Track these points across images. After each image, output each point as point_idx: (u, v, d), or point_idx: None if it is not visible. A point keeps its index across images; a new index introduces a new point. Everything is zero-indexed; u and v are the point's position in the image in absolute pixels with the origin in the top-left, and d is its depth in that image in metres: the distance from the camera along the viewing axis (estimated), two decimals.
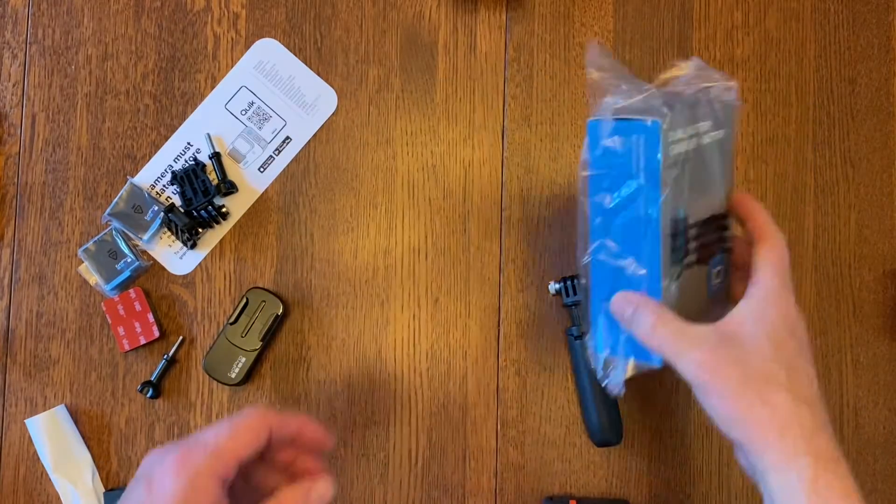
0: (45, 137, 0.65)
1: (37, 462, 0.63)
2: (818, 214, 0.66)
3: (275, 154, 0.65)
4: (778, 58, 0.67)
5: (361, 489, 0.63)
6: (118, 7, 0.66)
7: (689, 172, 0.47)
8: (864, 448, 0.65)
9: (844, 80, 0.67)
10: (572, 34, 0.66)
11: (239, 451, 0.41)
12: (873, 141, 0.66)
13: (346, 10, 0.66)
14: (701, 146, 0.48)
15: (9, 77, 0.66)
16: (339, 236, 0.65)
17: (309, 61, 0.66)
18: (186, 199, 0.64)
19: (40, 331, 0.64)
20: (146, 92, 0.66)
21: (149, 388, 0.62)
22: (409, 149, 0.65)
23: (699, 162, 0.48)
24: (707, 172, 0.49)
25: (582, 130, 0.66)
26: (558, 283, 0.64)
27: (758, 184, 0.66)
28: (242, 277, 0.64)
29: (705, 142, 0.48)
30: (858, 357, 0.65)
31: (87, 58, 0.66)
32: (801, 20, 0.67)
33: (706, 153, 0.48)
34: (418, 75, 0.66)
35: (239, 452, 0.41)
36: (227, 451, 0.40)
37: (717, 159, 0.49)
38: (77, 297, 0.64)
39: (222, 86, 0.66)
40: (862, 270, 0.66)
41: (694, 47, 0.67)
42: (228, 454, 0.40)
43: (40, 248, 0.64)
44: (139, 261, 0.63)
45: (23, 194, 0.65)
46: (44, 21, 0.66)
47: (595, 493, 0.63)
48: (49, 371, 0.64)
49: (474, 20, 0.66)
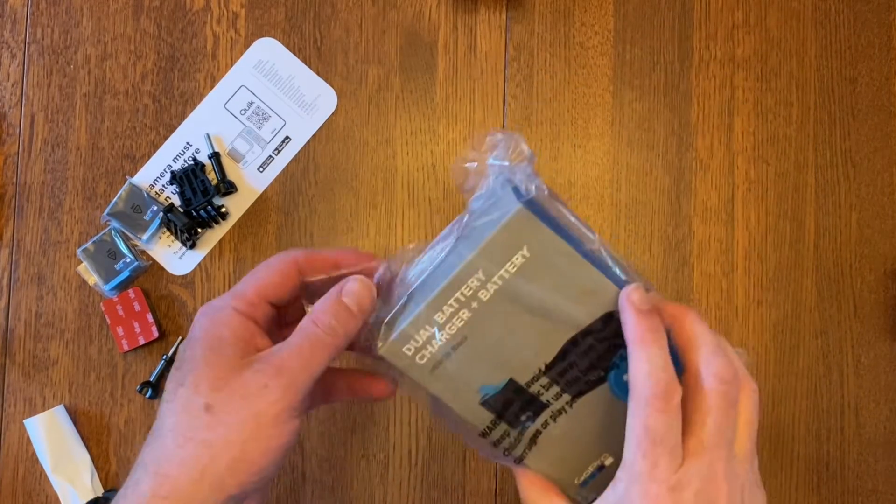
0: (44, 137, 0.65)
1: (35, 462, 0.63)
2: (819, 214, 0.66)
3: (274, 154, 0.65)
4: (779, 57, 0.67)
5: (361, 489, 0.63)
6: (117, 6, 0.66)
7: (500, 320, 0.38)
8: (865, 448, 0.64)
9: (845, 79, 0.67)
10: (573, 34, 0.66)
11: (260, 288, 0.40)
12: (874, 141, 0.66)
13: (346, 9, 0.66)
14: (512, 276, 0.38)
15: (7, 77, 0.66)
16: (339, 236, 0.65)
17: (308, 61, 0.66)
18: (186, 199, 0.64)
19: (39, 331, 0.64)
20: (145, 91, 0.66)
21: (148, 388, 0.62)
22: (409, 148, 0.65)
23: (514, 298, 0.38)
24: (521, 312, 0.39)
25: (582, 130, 0.66)
26: None
27: (758, 184, 0.66)
28: (242, 277, 0.64)
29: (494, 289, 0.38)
30: (859, 357, 0.65)
31: (86, 57, 0.66)
32: (802, 20, 0.67)
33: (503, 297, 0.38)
34: (418, 75, 0.66)
35: (260, 289, 0.40)
36: (246, 289, 0.40)
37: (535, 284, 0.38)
38: (76, 297, 0.64)
39: (221, 85, 0.66)
40: (863, 270, 0.65)
41: (694, 47, 0.67)
42: (249, 292, 0.40)
43: (39, 248, 0.64)
44: (138, 261, 0.63)
45: (21, 194, 0.65)
46: (42, 21, 0.66)
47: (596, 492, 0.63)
48: (48, 371, 0.64)
49: (474, 20, 0.66)
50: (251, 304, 0.40)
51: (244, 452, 0.36)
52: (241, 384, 0.36)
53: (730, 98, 0.66)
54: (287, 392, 0.36)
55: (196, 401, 0.36)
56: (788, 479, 0.64)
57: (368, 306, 0.40)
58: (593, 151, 0.66)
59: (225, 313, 0.39)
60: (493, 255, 0.38)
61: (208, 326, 0.39)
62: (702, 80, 0.66)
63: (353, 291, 0.39)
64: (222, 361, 0.37)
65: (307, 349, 0.38)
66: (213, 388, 0.36)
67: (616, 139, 0.66)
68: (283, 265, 0.41)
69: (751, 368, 0.43)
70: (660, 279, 0.65)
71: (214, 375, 0.37)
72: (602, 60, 0.66)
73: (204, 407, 0.36)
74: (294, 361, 0.37)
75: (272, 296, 0.40)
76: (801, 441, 0.64)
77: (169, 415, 0.37)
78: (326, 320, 0.38)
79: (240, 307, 0.39)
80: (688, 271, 0.65)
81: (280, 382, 0.36)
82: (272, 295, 0.40)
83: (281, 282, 0.41)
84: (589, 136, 0.66)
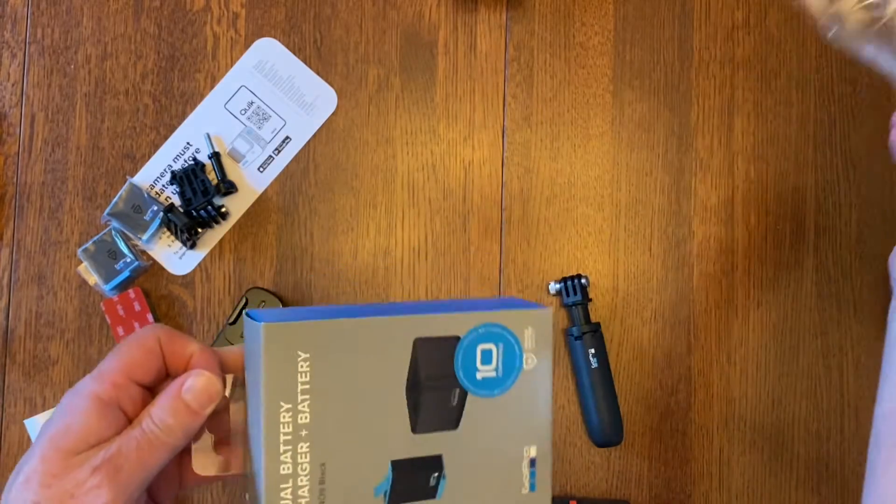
0: (45, 137, 0.65)
1: None
2: (819, 214, 0.66)
3: (274, 154, 0.65)
4: (779, 58, 0.67)
5: None
6: (117, 6, 0.66)
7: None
8: (865, 448, 0.64)
9: (845, 79, 0.67)
10: (573, 34, 0.66)
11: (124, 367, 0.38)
12: (874, 141, 0.66)
13: (346, 9, 0.66)
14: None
15: (8, 77, 0.66)
16: (339, 236, 0.65)
17: (309, 61, 0.66)
18: (186, 198, 0.64)
19: (39, 331, 0.64)
20: (145, 91, 0.66)
21: None
22: (409, 148, 0.65)
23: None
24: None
25: (582, 130, 0.66)
26: (558, 283, 0.64)
27: (759, 184, 0.66)
28: (242, 277, 0.64)
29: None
30: (859, 357, 0.65)
31: (87, 57, 0.66)
32: (802, 20, 0.67)
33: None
34: (418, 75, 0.66)
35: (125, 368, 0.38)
36: (111, 369, 0.38)
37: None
38: (76, 297, 0.64)
39: (222, 85, 0.66)
40: (863, 270, 0.65)
41: (694, 47, 0.67)
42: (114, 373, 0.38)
43: (39, 248, 0.64)
44: (138, 261, 0.63)
45: (22, 194, 0.65)
46: (43, 20, 0.66)
47: (595, 493, 0.63)
48: (48, 371, 0.64)
49: (474, 20, 0.66)
50: (116, 385, 0.37)
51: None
52: (72, 482, 0.35)
53: (730, 98, 0.66)
54: (120, 494, 0.35)
55: (26, 497, 0.35)
56: (788, 479, 0.64)
57: (210, 403, 0.37)
58: (593, 151, 0.66)
59: (80, 400, 0.37)
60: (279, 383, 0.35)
61: (61, 413, 0.37)
62: (702, 81, 0.66)
63: (193, 388, 0.37)
64: (58, 456, 0.35)
65: (144, 449, 0.36)
66: (44, 485, 0.34)
67: (616, 139, 0.66)
68: (146, 340, 0.39)
69: None
70: (660, 279, 0.65)
71: (46, 471, 0.35)
72: (602, 60, 0.66)
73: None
74: (129, 460, 0.35)
75: (139, 375, 0.38)
76: (801, 441, 0.64)
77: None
78: (164, 418, 0.36)
79: (101, 392, 0.37)
80: (688, 271, 0.65)
81: (112, 483, 0.35)
82: (138, 374, 0.38)
83: (145, 359, 0.38)
84: (589, 136, 0.66)
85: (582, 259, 0.65)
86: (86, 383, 0.37)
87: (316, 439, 0.36)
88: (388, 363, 0.37)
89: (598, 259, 0.65)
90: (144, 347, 0.38)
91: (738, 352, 0.65)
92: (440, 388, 0.38)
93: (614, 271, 0.65)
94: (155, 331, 0.39)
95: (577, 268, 0.65)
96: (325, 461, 0.36)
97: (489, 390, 0.39)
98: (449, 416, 0.38)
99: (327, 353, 0.36)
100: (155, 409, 0.37)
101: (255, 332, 0.36)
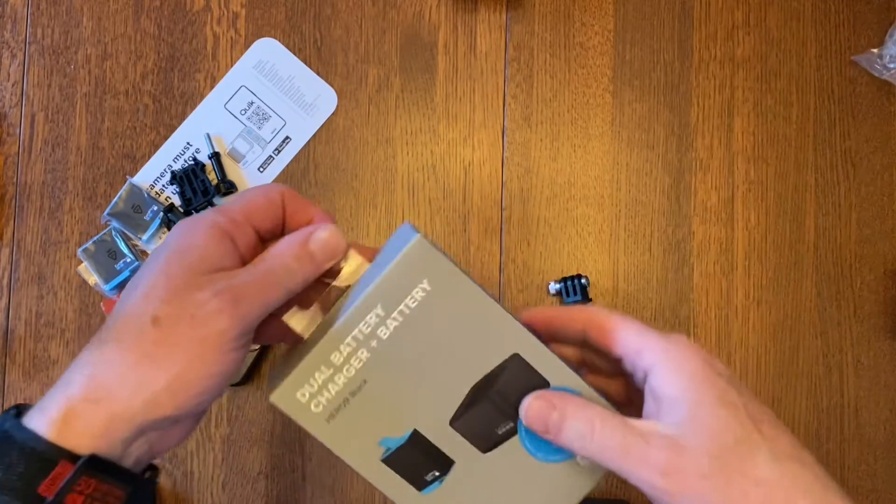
0: (45, 137, 0.65)
1: None
2: (819, 214, 0.66)
3: (274, 154, 0.65)
4: (779, 57, 0.67)
5: (361, 490, 0.63)
6: (117, 7, 0.66)
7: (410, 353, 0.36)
8: (865, 448, 0.64)
9: (845, 79, 0.67)
10: (573, 34, 0.66)
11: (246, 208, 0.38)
12: (874, 141, 0.66)
13: (346, 9, 0.66)
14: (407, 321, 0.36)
15: (8, 77, 0.66)
16: None
17: (309, 61, 0.66)
18: (186, 198, 0.64)
19: (39, 331, 0.64)
20: (145, 91, 0.66)
21: None
22: (409, 148, 0.65)
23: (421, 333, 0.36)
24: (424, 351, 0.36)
25: (582, 130, 0.66)
26: (558, 283, 0.64)
27: (758, 184, 0.66)
28: None
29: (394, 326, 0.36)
30: (859, 357, 0.65)
31: (87, 57, 0.66)
32: (802, 19, 0.67)
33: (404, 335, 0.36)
34: (418, 75, 0.66)
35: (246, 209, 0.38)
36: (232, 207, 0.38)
37: (437, 322, 0.36)
38: (76, 297, 0.64)
39: (222, 85, 0.66)
40: (863, 270, 0.65)
41: (694, 47, 0.67)
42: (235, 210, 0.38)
43: (39, 248, 0.64)
44: (139, 261, 0.63)
45: (22, 194, 0.65)
46: (43, 21, 0.66)
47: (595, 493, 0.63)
48: (48, 371, 0.64)
49: (474, 20, 0.66)
50: (234, 221, 0.37)
51: (185, 374, 0.34)
52: (193, 303, 0.34)
53: (730, 98, 0.66)
54: (238, 322, 0.35)
55: (146, 310, 0.34)
56: None
57: (332, 258, 0.38)
58: (593, 151, 0.66)
59: (203, 223, 0.37)
60: (392, 288, 0.35)
61: (181, 235, 0.37)
62: (702, 81, 0.66)
63: (321, 240, 0.37)
64: (181, 273, 0.35)
65: (264, 286, 0.36)
66: (165, 301, 0.34)
67: (616, 139, 0.66)
68: (270, 192, 0.39)
69: None
70: (660, 279, 0.65)
71: (169, 286, 0.35)
72: (602, 60, 0.66)
73: (152, 319, 0.34)
74: (249, 293, 0.35)
75: (257, 220, 0.38)
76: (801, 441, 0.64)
77: (117, 319, 0.35)
78: (288, 262, 0.36)
79: (221, 222, 0.37)
80: (688, 271, 0.65)
81: (233, 311, 0.34)
82: (257, 219, 0.38)
83: (267, 207, 0.39)
84: (589, 136, 0.66)
85: (582, 259, 0.65)
86: (206, 214, 0.37)
87: (376, 359, 0.36)
88: (479, 351, 0.36)
89: (598, 259, 0.65)
90: (268, 197, 0.39)
91: (738, 352, 0.65)
92: (499, 410, 0.37)
93: (614, 271, 0.65)
94: (280, 188, 0.39)
95: (577, 268, 0.65)
96: (367, 381, 0.36)
97: (534, 448, 0.37)
98: (486, 438, 0.37)
99: (442, 300, 0.36)
100: (279, 252, 0.37)
101: (405, 237, 0.36)
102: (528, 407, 0.36)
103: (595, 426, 0.35)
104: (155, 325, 0.34)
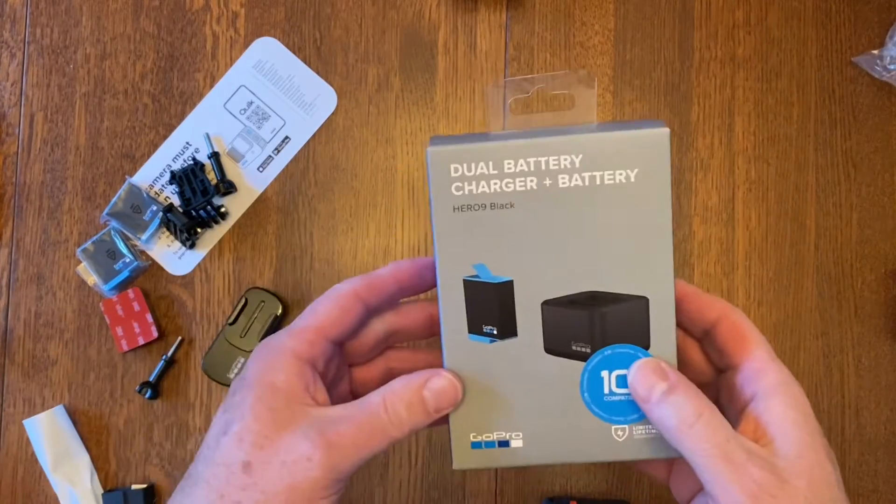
0: (44, 137, 0.65)
1: (35, 463, 0.63)
2: (820, 214, 0.66)
3: (274, 154, 0.65)
4: (779, 57, 0.67)
5: (361, 490, 0.63)
6: (117, 6, 0.66)
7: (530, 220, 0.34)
8: (865, 449, 0.64)
9: (846, 79, 0.67)
10: (573, 33, 0.66)
11: (321, 326, 0.37)
12: (875, 141, 0.66)
13: (346, 9, 0.66)
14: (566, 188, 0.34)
15: (7, 76, 0.65)
16: (339, 236, 0.65)
17: (308, 60, 0.66)
18: (185, 198, 0.63)
19: (38, 331, 0.64)
20: (145, 91, 0.65)
21: (147, 388, 0.62)
22: (409, 148, 0.65)
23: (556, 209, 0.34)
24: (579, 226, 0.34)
25: None
26: None
27: (759, 184, 0.66)
28: (241, 277, 0.64)
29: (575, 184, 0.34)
30: (860, 357, 0.65)
31: (86, 57, 0.66)
32: (803, 19, 0.67)
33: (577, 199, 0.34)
34: (418, 75, 0.66)
35: (321, 327, 0.37)
36: (307, 327, 0.37)
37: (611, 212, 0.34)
38: (75, 297, 0.64)
39: (221, 85, 0.65)
40: (864, 271, 0.65)
41: (695, 46, 0.66)
42: (309, 330, 0.37)
43: (38, 249, 0.64)
44: (138, 261, 0.63)
45: (21, 194, 0.65)
46: (42, 20, 0.66)
47: (595, 493, 0.63)
48: (47, 371, 0.64)
49: (474, 19, 0.66)
50: (311, 343, 0.36)
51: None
52: (285, 448, 0.34)
53: (730, 98, 0.66)
54: (330, 471, 0.33)
55: (237, 455, 0.34)
56: None
57: (447, 408, 0.36)
58: None
59: (282, 358, 0.36)
60: (603, 151, 0.32)
61: (263, 370, 0.36)
62: (702, 80, 0.66)
63: (437, 388, 0.36)
64: (271, 416, 0.34)
65: (365, 433, 0.34)
66: (256, 446, 0.34)
67: None
68: (344, 299, 0.38)
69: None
70: None
71: (260, 431, 0.34)
72: (602, 60, 0.66)
73: (242, 466, 0.33)
74: (345, 438, 0.34)
75: (333, 333, 0.37)
76: None
77: (207, 464, 0.35)
78: (398, 409, 0.35)
79: (298, 349, 0.36)
80: (688, 271, 0.65)
81: (326, 460, 0.33)
82: (333, 332, 0.37)
83: (342, 317, 0.38)
84: None
85: None
86: (282, 339, 0.37)
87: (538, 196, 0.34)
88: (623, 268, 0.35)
89: None
90: (342, 307, 0.38)
91: None
92: (590, 330, 0.35)
93: None
94: (351, 285, 0.38)
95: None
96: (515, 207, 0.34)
97: (591, 387, 0.36)
98: (558, 341, 0.36)
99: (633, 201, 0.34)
100: (390, 396, 0.35)
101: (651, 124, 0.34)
102: (642, 364, 0.35)
103: (704, 415, 0.34)
104: (245, 472, 0.34)
